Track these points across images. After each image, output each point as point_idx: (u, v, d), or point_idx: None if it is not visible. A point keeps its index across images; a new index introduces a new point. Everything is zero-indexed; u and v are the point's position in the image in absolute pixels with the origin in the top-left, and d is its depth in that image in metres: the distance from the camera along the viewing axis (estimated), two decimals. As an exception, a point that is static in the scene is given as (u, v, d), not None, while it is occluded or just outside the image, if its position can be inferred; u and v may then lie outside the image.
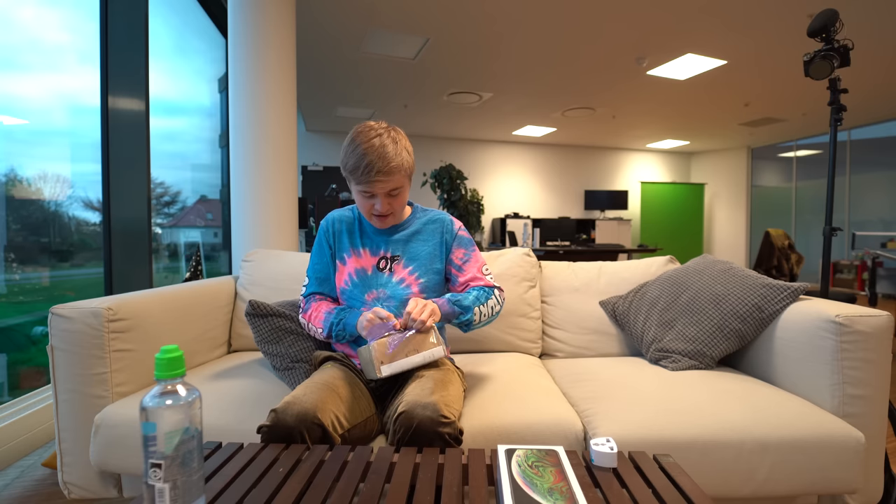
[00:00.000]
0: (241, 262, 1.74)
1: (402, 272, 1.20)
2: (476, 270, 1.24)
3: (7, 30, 1.95)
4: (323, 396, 0.93)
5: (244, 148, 2.44)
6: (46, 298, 2.11)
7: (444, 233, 1.25)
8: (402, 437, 0.87)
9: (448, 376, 1.06)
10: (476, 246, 1.25)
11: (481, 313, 1.16)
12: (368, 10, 3.33)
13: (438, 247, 1.23)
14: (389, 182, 1.08)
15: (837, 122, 1.59)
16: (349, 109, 6.00)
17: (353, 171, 1.07)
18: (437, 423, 0.86)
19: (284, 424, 0.85)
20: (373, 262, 1.20)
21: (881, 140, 6.61)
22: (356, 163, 1.06)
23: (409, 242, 1.22)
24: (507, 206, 8.19)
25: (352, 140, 1.08)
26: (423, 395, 0.92)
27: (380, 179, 1.07)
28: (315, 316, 1.19)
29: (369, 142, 1.06)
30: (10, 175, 1.94)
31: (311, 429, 0.86)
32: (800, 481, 1.01)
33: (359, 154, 1.06)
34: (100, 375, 1.15)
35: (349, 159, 1.07)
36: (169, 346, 0.58)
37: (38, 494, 1.42)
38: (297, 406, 0.87)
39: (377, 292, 1.18)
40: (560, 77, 4.78)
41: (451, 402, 0.94)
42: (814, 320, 1.16)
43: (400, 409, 0.89)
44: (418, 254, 1.22)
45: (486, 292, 1.20)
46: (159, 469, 0.56)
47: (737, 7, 3.28)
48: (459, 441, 0.89)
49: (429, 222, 1.25)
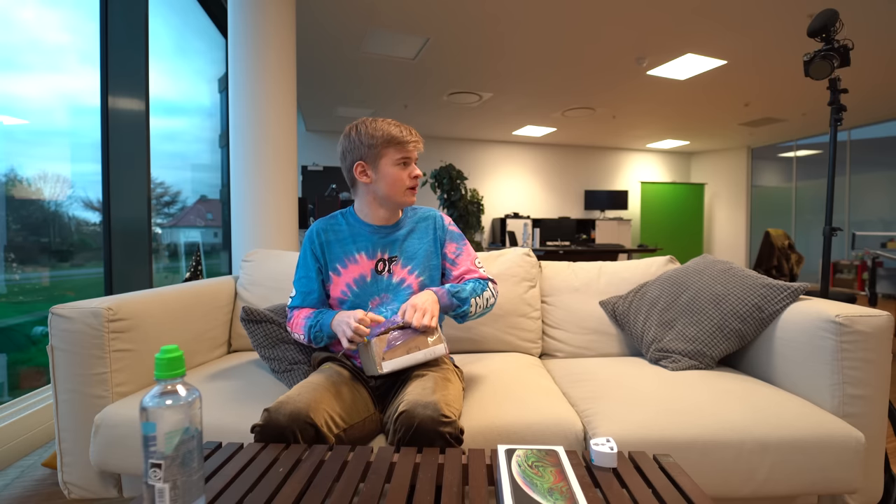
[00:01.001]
0: (241, 262, 1.74)
1: (401, 272, 1.19)
2: (469, 263, 1.26)
3: (7, 30, 1.95)
4: (317, 396, 0.92)
5: (244, 148, 2.44)
6: (46, 298, 2.11)
7: (436, 229, 1.26)
8: (402, 436, 0.87)
9: (448, 375, 1.06)
10: (466, 239, 1.27)
11: (477, 304, 1.17)
12: (368, 10, 3.33)
13: (433, 243, 1.25)
14: (420, 145, 1.15)
15: (837, 122, 1.59)
16: (349, 109, 6.00)
17: (390, 140, 1.12)
18: (438, 422, 0.86)
19: (276, 424, 0.85)
20: (370, 265, 1.19)
21: (881, 140, 6.60)
22: (390, 130, 1.11)
23: (404, 241, 1.23)
24: (507, 206, 8.18)
25: (363, 122, 1.13)
26: (423, 394, 0.92)
27: (416, 140, 1.14)
28: (296, 324, 1.19)
29: (381, 119, 1.13)
30: (10, 175, 1.94)
31: (303, 428, 0.86)
32: (800, 481, 1.01)
33: (386, 125, 1.11)
34: (100, 375, 1.15)
35: (378, 132, 1.12)
36: (169, 346, 0.58)
37: (38, 494, 1.42)
38: (290, 405, 0.87)
39: (380, 298, 1.18)
40: (560, 77, 4.78)
41: (452, 402, 0.94)
42: (814, 320, 1.16)
43: (400, 409, 0.89)
44: (416, 252, 1.22)
45: (481, 284, 1.21)
46: (159, 469, 0.56)
47: (736, 7, 3.28)
48: (460, 440, 0.89)
49: (420, 220, 1.27)
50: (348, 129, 1.16)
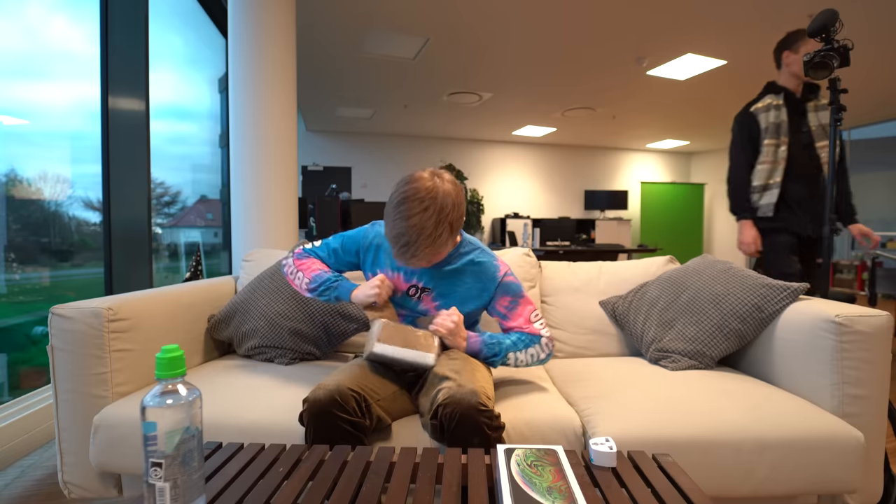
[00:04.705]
0: (241, 262, 1.74)
1: (429, 304, 1.20)
2: (523, 320, 1.19)
3: (10, 35, 1.96)
4: (349, 374, 1.01)
5: (244, 148, 2.44)
6: (46, 298, 2.11)
7: (485, 280, 1.19)
8: (447, 428, 0.90)
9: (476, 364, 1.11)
10: (525, 292, 1.22)
11: (517, 359, 1.16)
12: (368, 10, 3.33)
13: (474, 291, 1.19)
14: (425, 259, 1.06)
15: (837, 122, 1.59)
16: (349, 109, 6.00)
17: (391, 242, 1.05)
18: (480, 411, 0.89)
19: (318, 402, 0.91)
20: (404, 287, 1.20)
21: (881, 140, 6.60)
22: (395, 237, 1.03)
23: (444, 279, 1.18)
24: (507, 206, 8.18)
25: (397, 205, 1.02)
26: (463, 381, 0.95)
27: (416, 262, 1.06)
28: (309, 267, 1.23)
29: (413, 218, 1.00)
30: (11, 175, 1.94)
31: (345, 398, 0.92)
32: (799, 481, 1.01)
33: (399, 228, 1.01)
34: (100, 375, 1.15)
35: (390, 227, 1.04)
36: (170, 345, 0.59)
37: (38, 494, 1.42)
38: (325, 387, 0.94)
39: (404, 311, 1.23)
40: (560, 77, 4.78)
41: (488, 389, 0.99)
42: (813, 320, 1.16)
43: (441, 399, 0.92)
44: (451, 292, 1.18)
45: (527, 338, 1.17)
46: (160, 468, 0.56)
47: (737, 7, 3.28)
48: (501, 426, 0.94)
49: (471, 263, 1.19)
50: (393, 193, 1.05)
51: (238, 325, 1.47)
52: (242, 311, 1.48)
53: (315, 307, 1.46)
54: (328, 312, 1.47)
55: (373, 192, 7.38)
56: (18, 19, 2.02)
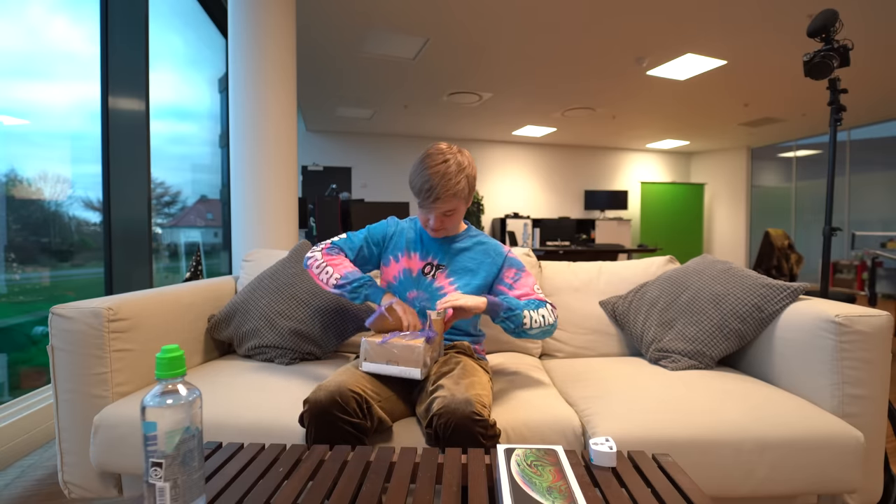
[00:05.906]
0: (241, 262, 1.74)
1: (443, 280, 1.27)
2: (528, 288, 1.27)
3: (11, 35, 1.96)
4: (348, 376, 1.02)
5: (244, 148, 2.44)
6: (46, 298, 2.11)
7: (493, 255, 1.30)
8: (441, 436, 0.91)
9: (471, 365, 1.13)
10: (527, 269, 1.31)
11: (532, 318, 1.18)
12: (368, 10, 3.34)
13: (483, 266, 1.28)
14: (445, 206, 1.18)
15: (837, 122, 1.59)
16: (349, 109, 6.00)
17: (417, 193, 1.18)
18: (474, 421, 0.90)
19: (319, 403, 0.92)
20: (419, 265, 1.29)
21: (881, 140, 6.60)
22: (420, 185, 1.16)
23: (456, 255, 1.30)
24: (507, 206, 8.18)
25: (422, 160, 1.18)
26: (456, 390, 0.96)
27: (437, 206, 1.17)
28: (340, 263, 1.25)
29: (436, 167, 1.15)
30: (11, 175, 1.94)
31: (346, 399, 0.93)
32: (799, 481, 1.01)
33: (424, 177, 1.15)
34: (100, 375, 1.15)
35: (415, 180, 1.17)
36: (170, 345, 0.59)
37: (38, 494, 1.42)
38: (325, 388, 0.95)
39: (417, 292, 1.27)
40: (560, 77, 4.78)
41: (484, 397, 0.99)
42: (813, 320, 1.17)
43: (436, 408, 0.92)
44: (462, 268, 1.28)
45: (537, 302, 1.23)
46: (160, 468, 0.56)
47: (737, 7, 3.28)
48: (497, 434, 0.94)
49: (478, 243, 1.32)
50: (418, 158, 1.20)
51: (238, 325, 1.47)
52: (242, 311, 1.48)
53: (315, 307, 1.46)
54: (328, 312, 1.47)
55: (373, 192, 7.38)
56: (19, 20, 2.02)
